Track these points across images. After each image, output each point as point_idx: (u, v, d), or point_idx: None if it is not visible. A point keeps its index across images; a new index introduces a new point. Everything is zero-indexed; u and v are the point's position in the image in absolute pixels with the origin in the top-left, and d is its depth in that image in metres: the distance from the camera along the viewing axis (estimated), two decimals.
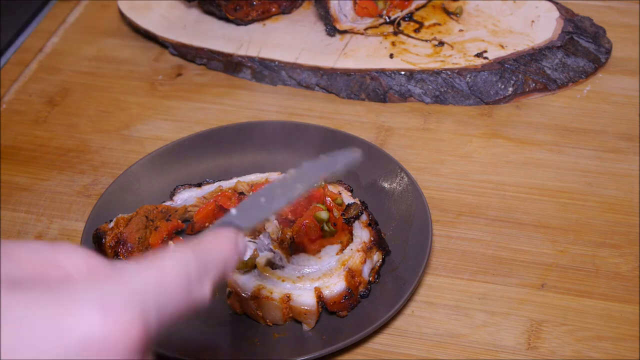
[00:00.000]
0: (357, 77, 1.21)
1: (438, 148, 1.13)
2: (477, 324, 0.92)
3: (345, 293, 0.89)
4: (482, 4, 1.30)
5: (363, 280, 0.91)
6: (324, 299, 0.89)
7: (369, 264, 0.92)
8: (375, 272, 0.93)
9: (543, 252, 0.99)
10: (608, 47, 1.25)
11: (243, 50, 1.27)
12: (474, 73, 1.18)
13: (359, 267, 0.91)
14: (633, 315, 0.92)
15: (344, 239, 0.94)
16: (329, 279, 0.90)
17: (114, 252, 0.94)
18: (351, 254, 0.91)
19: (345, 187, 1.00)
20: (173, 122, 1.20)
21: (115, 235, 0.94)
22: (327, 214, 0.95)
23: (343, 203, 0.97)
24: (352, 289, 0.90)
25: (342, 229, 0.95)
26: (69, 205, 1.09)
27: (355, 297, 0.91)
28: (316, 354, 0.86)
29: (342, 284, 0.89)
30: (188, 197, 1.01)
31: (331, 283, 0.90)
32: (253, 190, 0.99)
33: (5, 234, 1.06)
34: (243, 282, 0.90)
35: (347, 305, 0.90)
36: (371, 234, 0.94)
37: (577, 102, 1.19)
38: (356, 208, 0.95)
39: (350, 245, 0.92)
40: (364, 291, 0.92)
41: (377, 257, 0.93)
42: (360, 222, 0.95)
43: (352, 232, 0.94)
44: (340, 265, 0.91)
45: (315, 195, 0.97)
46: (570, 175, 1.08)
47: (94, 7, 1.43)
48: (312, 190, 0.97)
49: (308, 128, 1.10)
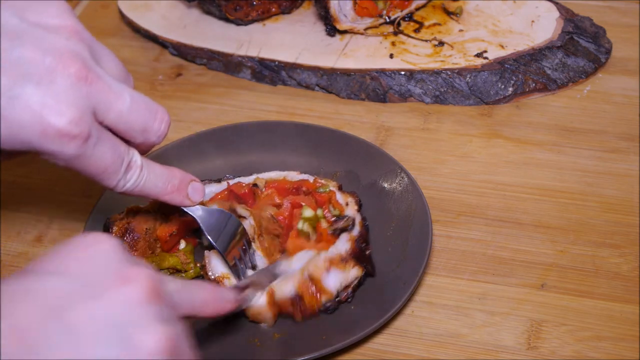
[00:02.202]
0: (357, 77, 1.21)
1: (438, 148, 1.13)
2: (477, 324, 0.92)
3: (292, 299, 0.87)
4: (482, 4, 1.30)
5: (324, 290, 0.88)
6: (275, 300, 0.88)
7: (337, 274, 0.88)
8: (348, 288, 0.90)
9: (543, 252, 0.99)
10: (608, 47, 1.25)
11: (243, 50, 1.27)
12: (474, 73, 1.18)
13: (318, 274, 0.88)
14: (633, 315, 0.92)
15: (323, 247, 0.91)
16: (285, 282, 0.88)
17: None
18: (314, 261, 0.89)
19: (356, 200, 0.97)
20: (173, 122, 1.18)
21: (123, 225, 0.94)
22: (311, 213, 0.93)
23: (341, 214, 0.95)
24: (305, 296, 0.88)
25: (323, 239, 0.92)
26: (69, 205, 1.09)
27: (308, 306, 0.88)
28: (316, 354, 0.85)
29: (291, 289, 0.87)
30: (207, 193, 0.99)
31: (283, 286, 0.88)
32: (266, 186, 0.99)
33: (5, 234, 1.06)
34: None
35: (295, 312, 0.88)
36: (352, 247, 0.90)
37: (577, 102, 1.19)
38: (346, 221, 0.92)
39: (322, 253, 0.90)
40: (329, 305, 0.89)
41: (355, 272, 0.90)
42: (348, 235, 0.92)
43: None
44: (300, 271, 0.89)
45: (319, 199, 0.97)
46: (570, 175, 1.08)
47: (94, 7, 1.43)
48: (318, 193, 0.97)
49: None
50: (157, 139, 0.79)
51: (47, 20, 0.72)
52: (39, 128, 0.69)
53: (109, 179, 0.76)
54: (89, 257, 0.62)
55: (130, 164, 0.78)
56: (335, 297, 0.89)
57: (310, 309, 0.89)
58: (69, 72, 0.70)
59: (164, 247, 0.95)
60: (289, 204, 0.96)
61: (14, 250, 1.04)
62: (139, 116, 0.76)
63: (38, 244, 1.05)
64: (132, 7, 1.37)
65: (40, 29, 0.71)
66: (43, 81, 0.69)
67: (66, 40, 0.72)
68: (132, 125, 0.76)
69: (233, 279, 0.90)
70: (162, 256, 0.95)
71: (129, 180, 0.78)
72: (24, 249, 1.04)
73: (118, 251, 0.63)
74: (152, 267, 0.66)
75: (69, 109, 0.70)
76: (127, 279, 0.61)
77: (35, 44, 0.70)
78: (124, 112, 0.75)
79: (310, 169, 1.04)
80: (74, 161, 0.73)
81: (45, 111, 0.69)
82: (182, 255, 0.95)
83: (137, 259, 0.66)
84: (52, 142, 0.70)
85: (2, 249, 1.04)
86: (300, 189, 0.99)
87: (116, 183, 0.77)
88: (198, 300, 0.71)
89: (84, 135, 0.71)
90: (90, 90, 0.72)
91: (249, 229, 0.94)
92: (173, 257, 0.95)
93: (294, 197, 0.97)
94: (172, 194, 0.83)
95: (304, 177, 1.00)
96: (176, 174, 0.84)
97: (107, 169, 0.75)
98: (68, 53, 0.71)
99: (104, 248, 0.63)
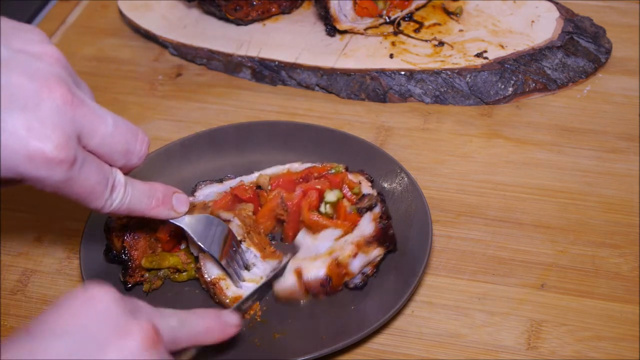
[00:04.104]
0: (357, 77, 1.21)
1: (438, 148, 1.13)
2: (477, 324, 0.92)
3: (322, 281, 0.90)
4: (482, 4, 1.30)
5: (350, 272, 0.91)
6: (303, 281, 0.90)
7: (361, 258, 0.91)
8: (374, 266, 0.93)
9: (543, 252, 0.99)
10: (608, 47, 1.25)
11: (243, 50, 1.27)
12: (474, 73, 1.18)
13: (346, 260, 0.90)
14: (633, 315, 0.92)
15: (348, 227, 0.94)
16: (312, 262, 0.91)
17: (121, 241, 0.94)
18: (342, 245, 0.91)
19: (366, 177, 1.00)
20: (173, 122, 1.20)
21: (123, 224, 0.94)
22: (335, 195, 0.95)
23: (360, 192, 0.97)
24: (334, 278, 0.90)
25: (346, 218, 0.94)
26: (69, 205, 1.08)
27: (335, 286, 0.91)
28: (316, 354, 0.86)
29: (322, 270, 0.90)
30: (209, 193, 1.00)
31: (312, 267, 0.90)
32: (271, 183, 0.99)
33: (5, 234, 1.06)
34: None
35: (323, 292, 0.91)
36: (376, 229, 0.93)
37: (577, 102, 1.19)
38: (370, 199, 0.95)
39: (347, 236, 0.92)
40: (360, 283, 0.92)
41: (377, 252, 0.92)
42: (372, 214, 0.94)
43: (356, 223, 0.94)
44: (328, 253, 0.91)
45: (333, 180, 0.98)
46: (570, 175, 1.08)
47: (94, 7, 1.43)
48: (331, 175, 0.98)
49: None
50: (138, 160, 0.80)
51: (30, 48, 0.73)
52: (25, 153, 0.68)
53: (96, 200, 0.77)
54: (86, 314, 0.64)
55: (114, 184, 0.78)
56: (364, 274, 0.92)
57: (335, 289, 0.91)
58: (54, 97, 0.70)
59: (165, 247, 0.95)
60: (300, 191, 0.97)
61: (14, 250, 1.04)
62: (121, 139, 0.77)
63: (38, 244, 1.05)
64: (132, 7, 1.37)
65: (25, 55, 0.71)
66: (29, 106, 0.69)
67: (50, 66, 0.72)
68: (115, 148, 0.77)
69: (229, 280, 0.91)
70: (162, 256, 0.95)
71: (115, 199, 0.79)
72: (24, 249, 1.04)
73: (115, 303, 0.65)
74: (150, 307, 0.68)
75: (54, 133, 0.69)
76: (126, 333, 0.63)
77: (21, 69, 0.70)
78: (107, 136, 0.75)
79: None
80: (61, 186, 0.72)
81: (31, 136, 0.68)
82: (182, 255, 0.95)
83: (134, 303, 0.67)
84: (38, 167, 0.69)
85: (2, 249, 1.04)
86: (309, 176, 0.99)
87: (103, 204, 0.78)
88: (201, 330, 0.73)
89: (70, 159, 0.71)
90: (75, 115, 0.72)
91: (237, 230, 0.94)
92: (174, 257, 0.95)
93: (306, 184, 0.98)
94: (158, 208, 0.84)
95: (309, 165, 1.01)
96: (158, 187, 0.84)
97: (94, 190, 0.75)
98: (53, 78, 0.71)
99: (101, 303, 0.64)
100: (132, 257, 0.94)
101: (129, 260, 0.93)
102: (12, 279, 1.01)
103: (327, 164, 1.01)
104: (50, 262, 1.02)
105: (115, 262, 0.94)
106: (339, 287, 0.91)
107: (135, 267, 0.94)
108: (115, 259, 0.94)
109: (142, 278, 0.94)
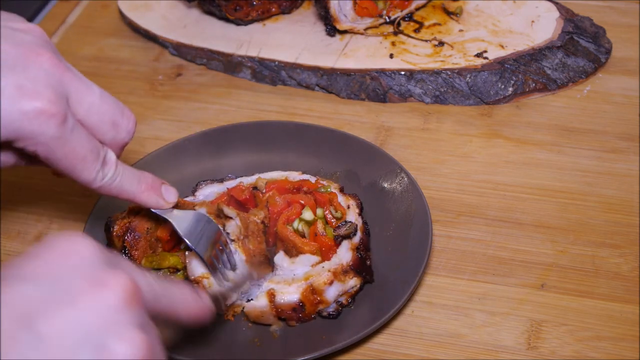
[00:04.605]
0: (357, 77, 1.21)
1: (438, 148, 1.13)
2: (477, 324, 0.92)
3: (295, 305, 0.88)
4: (482, 4, 1.30)
5: (325, 300, 0.89)
6: (275, 304, 0.88)
7: (337, 286, 0.89)
8: (349, 296, 0.91)
9: (543, 252, 0.99)
10: (608, 47, 1.25)
11: (243, 50, 1.27)
12: (474, 73, 1.18)
13: (321, 287, 0.89)
14: (633, 315, 0.92)
15: (324, 253, 0.92)
16: (287, 286, 0.89)
17: (121, 241, 0.94)
18: (319, 272, 0.90)
19: (357, 204, 0.97)
20: (173, 122, 1.21)
21: (124, 224, 0.94)
22: (310, 216, 0.94)
23: (343, 217, 0.95)
24: (307, 304, 0.89)
25: (315, 240, 0.93)
26: (69, 205, 1.09)
27: (308, 313, 0.89)
28: (316, 353, 0.86)
29: (296, 296, 0.88)
30: (210, 193, 1.00)
31: (286, 291, 0.89)
32: (267, 187, 0.99)
33: (5, 234, 1.06)
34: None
35: (295, 317, 0.89)
36: (353, 258, 0.91)
37: (577, 102, 1.19)
38: (349, 228, 0.93)
39: (325, 263, 0.91)
40: (333, 312, 0.90)
41: (354, 282, 0.91)
42: (350, 243, 0.92)
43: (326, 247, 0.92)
44: (304, 279, 0.90)
45: (320, 199, 0.97)
46: (570, 175, 1.08)
47: (94, 7, 1.43)
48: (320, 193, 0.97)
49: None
50: (127, 135, 0.82)
51: (15, 25, 0.76)
52: (19, 108, 0.71)
53: (87, 170, 0.78)
54: (62, 260, 0.60)
55: (105, 159, 0.79)
56: (338, 303, 0.90)
57: (307, 316, 0.90)
58: (41, 60, 0.74)
59: (165, 246, 0.95)
60: (282, 201, 0.96)
61: (14, 250, 1.04)
62: (109, 108, 0.79)
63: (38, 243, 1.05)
64: (132, 7, 1.37)
65: (11, 29, 0.75)
66: (18, 68, 0.72)
67: (35, 38, 0.76)
68: (103, 117, 0.79)
69: (212, 279, 0.90)
70: (162, 255, 0.95)
71: (107, 174, 0.80)
72: (24, 248, 1.04)
73: (93, 253, 0.61)
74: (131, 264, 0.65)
75: (45, 90, 0.72)
76: (102, 284, 0.59)
77: (7, 39, 0.74)
78: (94, 104, 0.78)
79: (311, 169, 1.05)
80: (53, 145, 0.74)
81: (23, 93, 0.71)
82: (182, 255, 0.95)
83: (115, 258, 0.63)
84: (32, 121, 0.72)
85: (2, 248, 1.04)
86: (301, 188, 0.99)
87: (95, 175, 0.78)
88: (180, 299, 0.69)
89: (62, 114, 0.73)
90: (63, 78, 0.75)
91: (235, 229, 0.94)
92: (174, 257, 0.95)
93: (292, 196, 0.98)
94: (147, 193, 0.85)
95: (305, 177, 1.01)
96: (148, 175, 0.86)
97: (86, 158, 0.77)
98: (39, 45, 0.75)
99: (78, 250, 0.61)
100: (133, 257, 0.94)
101: (129, 260, 0.93)
102: None
103: (321, 179, 1.00)
104: None
105: None
106: (311, 315, 0.90)
107: None
108: None
109: None
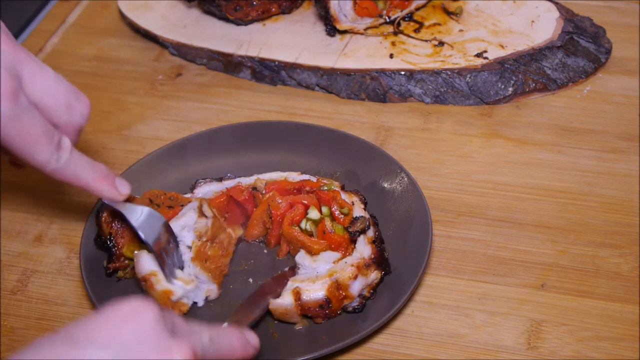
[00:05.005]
0: (357, 77, 1.21)
1: (438, 148, 1.13)
2: (477, 324, 0.92)
3: (321, 302, 0.89)
4: (482, 4, 1.30)
5: (350, 295, 0.90)
6: (301, 302, 0.89)
7: (361, 280, 0.90)
8: (371, 288, 0.92)
9: (543, 252, 0.99)
10: (608, 47, 1.25)
11: (243, 50, 1.27)
12: (474, 73, 1.18)
13: (346, 282, 0.89)
14: (633, 315, 0.92)
15: (346, 249, 0.93)
16: (311, 284, 0.90)
17: (109, 228, 0.94)
18: (343, 267, 0.90)
19: (360, 199, 0.98)
20: (173, 122, 1.20)
21: (114, 211, 0.94)
22: (317, 215, 0.94)
23: (350, 213, 0.95)
24: (333, 300, 0.89)
25: (324, 238, 0.93)
26: (69, 205, 1.09)
27: (334, 309, 0.89)
28: (316, 353, 0.86)
29: (322, 292, 0.89)
30: (208, 191, 1.01)
31: (312, 289, 0.89)
32: (266, 188, 0.99)
33: (5, 234, 1.06)
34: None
35: (321, 314, 0.89)
36: (373, 251, 0.92)
37: (577, 102, 1.19)
38: (362, 222, 0.93)
39: (347, 259, 0.91)
40: (358, 306, 0.90)
41: (375, 275, 0.92)
42: (365, 237, 0.93)
43: (337, 244, 0.93)
44: (328, 275, 0.90)
45: (324, 197, 0.97)
46: (570, 175, 1.08)
47: (94, 7, 1.43)
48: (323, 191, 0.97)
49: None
50: (81, 118, 0.82)
51: None
52: None
53: (41, 151, 0.78)
54: (130, 328, 0.64)
55: (60, 143, 0.80)
56: (362, 297, 0.91)
57: (334, 312, 0.90)
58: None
59: None
60: (284, 202, 0.96)
61: (14, 250, 1.04)
62: (63, 91, 0.80)
63: (38, 243, 1.05)
64: (132, 7, 1.37)
65: None
66: None
67: None
68: (58, 100, 0.79)
69: (160, 276, 0.90)
70: (143, 247, 0.95)
71: (61, 158, 0.80)
72: (24, 248, 1.04)
73: (157, 321, 0.65)
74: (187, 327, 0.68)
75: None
76: (168, 352, 0.64)
77: None
78: (49, 85, 0.78)
79: (311, 169, 1.05)
80: (7, 125, 0.74)
81: None
82: None
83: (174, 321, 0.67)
84: None
85: (2, 249, 1.04)
86: (302, 189, 0.99)
87: (49, 157, 0.79)
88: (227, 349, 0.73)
89: (14, 91, 0.74)
90: (15, 58, 0.75)
91: (202, 228, 0.94)
92: None
93: (294, 197, 0.98)
94: (102, 182, 0.85)
95: (305, 177, 1.01)
96: (102, 165, 0.86)
97: (39, 139, 0.77)
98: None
99: (145, 318, 0.64)
100: (117, 245, 0.94)
101: (114, 247, 0.94)
102: (12, 279, 1.01)
103: (322, 178, 1.01)
104: (50, 262, 1.02)
105: (102, 249, 0.95)
106: (337, 310, 0.90)
107: (119, 255, 0.95)
108: (102, 246, 0.95)
109: (123, 264, 0.95)
